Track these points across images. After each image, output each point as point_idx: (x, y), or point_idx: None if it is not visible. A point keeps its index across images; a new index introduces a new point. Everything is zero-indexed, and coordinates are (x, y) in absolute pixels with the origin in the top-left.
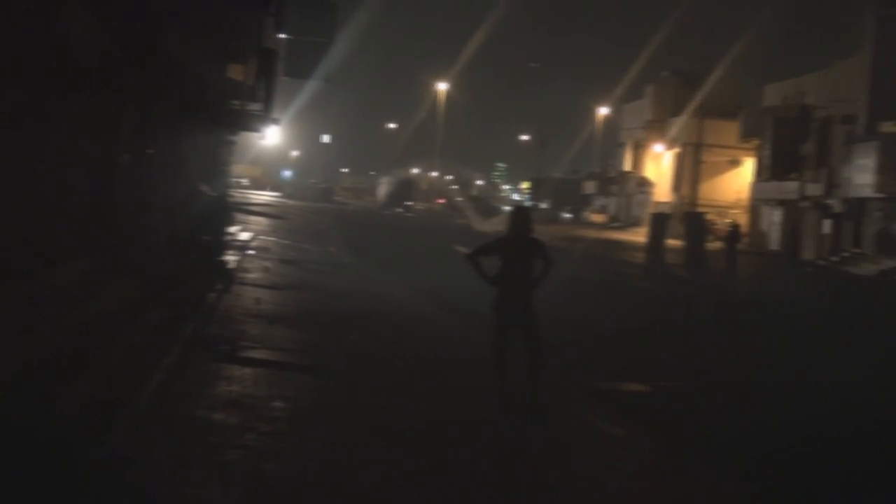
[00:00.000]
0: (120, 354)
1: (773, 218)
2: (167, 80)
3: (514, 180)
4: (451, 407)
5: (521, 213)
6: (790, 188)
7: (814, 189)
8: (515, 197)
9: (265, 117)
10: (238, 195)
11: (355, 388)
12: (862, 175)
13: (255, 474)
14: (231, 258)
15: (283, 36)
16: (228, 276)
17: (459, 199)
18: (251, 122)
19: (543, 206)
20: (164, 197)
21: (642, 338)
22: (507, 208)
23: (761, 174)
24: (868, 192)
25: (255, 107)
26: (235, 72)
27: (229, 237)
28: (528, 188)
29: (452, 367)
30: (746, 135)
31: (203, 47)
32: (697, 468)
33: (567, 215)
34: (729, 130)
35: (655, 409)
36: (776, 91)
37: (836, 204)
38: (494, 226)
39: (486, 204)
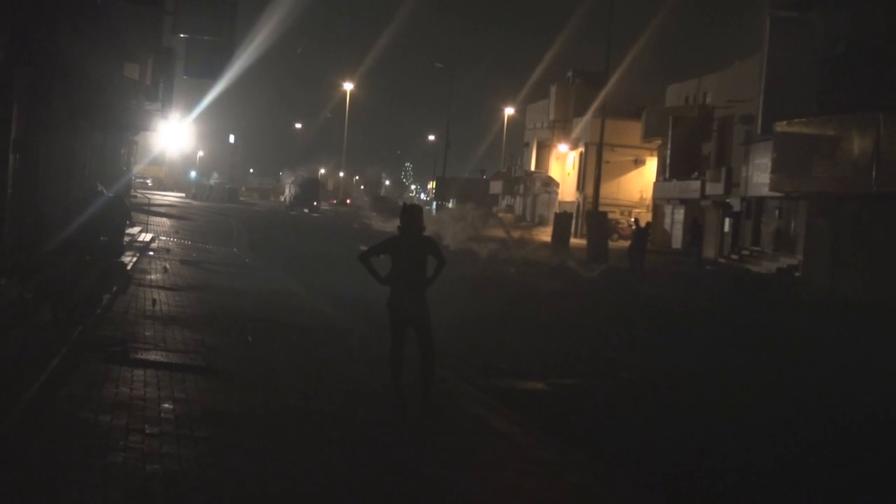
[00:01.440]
0: (4, 356)
1: (676, 217)
2: (59, 80)
3: (421, 180)
4: (346, 407)
5: (412, 212)
6: (692, 187)
7: (714, 188)
8: (422, 196)
9: (164, 117)
10: (140, 195)
11: (248, 390)
12: (760, 174)
13: (137, 476)
14: (129, 259)
15: (182, 35)
16: (125, 278)
17: (365, 198)
18: (149, 122)
19: (450, 205)
20: (58, 198)
21: (541, 335)
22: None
23: (663, 173)
24: (765, 191)
25: (153, 106)
26: (132, 71)
27: (129, 238)
28: (434, 188)
29: (350, 366)
30: (649, 135)
31: (98, 46)
32: (588, 465)
33: (472, 214)
34: (632, 130)
35: (550, 407)
36: (678, 91)
37: (735, 203)
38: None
39: (392, 204)
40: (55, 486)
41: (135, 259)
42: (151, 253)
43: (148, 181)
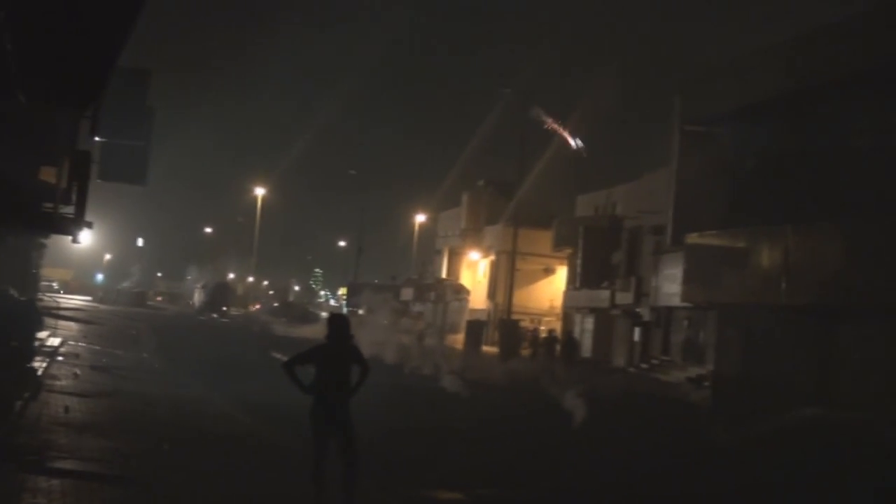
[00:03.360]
0: None
1: (585, 325)
2: None
3: (331, 286)
4: None
5: (339, 321)
6: (601, 296)
7: (624, 297)
8: (332, 303)
9: (78, 221)
10: (48, 299)
11: (166, 499)
12: (669, 284)
13: None
14: (39, 364)
15: (98, 139)
16: (36, 384)
17: (275, 304)
18: (63, 226)
19: (361, 312)
20: None
21: (462, 445)
22: (324, 314)
23: (574, 282)
24: (675, 301)
25: (67, 210)
26: (48, 174)
27: (38, 343)
28: (345, 294)
29: (267, 475)
30: (559, 244)
31: (13, 149)
32: None
33: (384, 322)
34: (543, 239)
35: None
36: (588, 201)
37: (645, 312)
38: (312, 331)
39: (301, 310)
40: None
41: (45, 364)
42: (61, 358)
43: (54, 284)
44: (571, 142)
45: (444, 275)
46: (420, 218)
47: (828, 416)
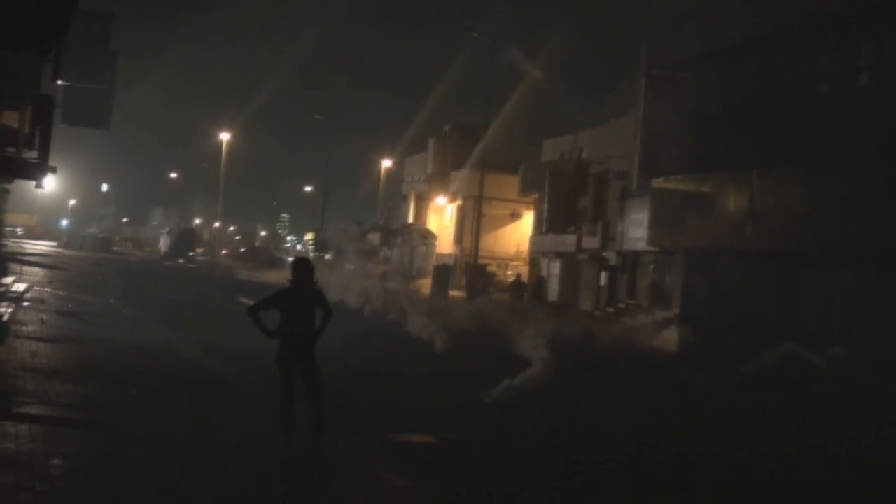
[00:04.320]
0: None
1: (552, 270)
2: None
3: (298, 231)
4: (236, 462)
5: (302, 265)
6: (568, 241)
7: (591, 242)
8: (299, 248)
9: (41, 165)
10: (12, 244)
11: (136, 445)
12: (635, 229)
13: None
14: (4, 310)
15: (61, 83)
16: (2, 329)
17: (242, 249)
18: (26, 171)
19: (327, 257)
20: None
21: (430, 388)
22: (290, 259)
23: (540, 227)
24: (641, 246)
25: (30, 154)
26: (10, 118)
27: (2, 288)
28: (311, 239)
29: (236, 420)
30: (526, 189)
31: None
32: None
33: (350, 266)
34: (509, 184)
35: (442, 460)
36: (554, 146)
37: (611, 257)
38: (279, 276)
39: (268, 255)
40: None
41: (10, 310)
42: (26, 304)
43: (18, 230)
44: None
45: (410, 220)
46: (386, 163)
47: (800, 353)
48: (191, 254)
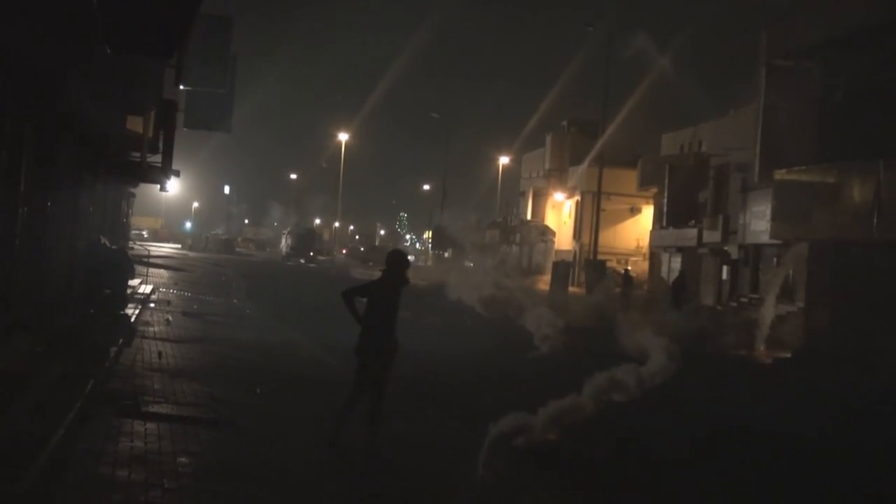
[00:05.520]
0: (20, 411)
1: (673, 264)
2: (67, 133)
3: (416, 230)
4: (360, 462)
5: (396, 257)
6: (688, 235)
7: (711, 236)
8: (418, 246)
9: (165, 169)
10: (138, 247)
11: (262, 443)
12: (757, 222)
13: None
14: (132, 311)
15: (182, 87)
16: (130, 330)
17: (361, 249)
18: (151, 175)
19: (446, 255)
20: (63, 250)
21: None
22: (410, 258)
23: (660, 222)
24: (764, 239)
25: (154, 159)
26: (135, 124)
27: (130, 290)
28: (430, 237)
29: (356, 419)
30: (645, 183)
31: (103, 99)
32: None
33: (469, 264)
34: (628, 179)
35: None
36: (673, 140)
37: (733, 250)
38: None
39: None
40: None
41: (137, 311)
42: (152, 305)
43: (144, 233)
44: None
45: (528, 216)
46: (504, 160)
47: None
48: (311, 254)
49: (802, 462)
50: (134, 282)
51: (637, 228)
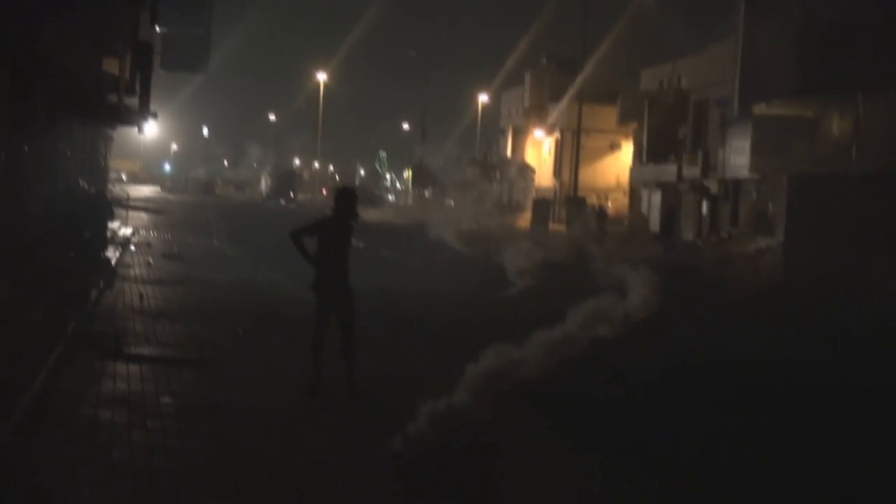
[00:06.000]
0: (1, 355)
1: (653, 200)
2: (42, 77)
3: (396, 169)
4: (344, 402)
5: (345, 194)
6: (668, 171)
7: (691, 171)
8: (398, 186)
9: (142, 111)
10: (117, 190)
11: (245, 383)
12: (737, 157)
13: (145, 471)
14: (112, 254)
15: (158, 29)
16: (110, 273)
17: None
18: (128, 117)
19: (427, 193)
20: (42, 194)
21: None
22: (391, 197)
23: (640, 158)
24: (743, 173)
25: (131, 101)
26: (111, 66)
27: (109, 233)
28: (410, 176)
29: (335, 357)
30: (624, 119)
31: (77, 41)
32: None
33: (450, 202)
34: (607, 115)
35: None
36: (652, 75)
37: (712, 185)
38: (379, 214)
39: (368, 193)
40: (65, 483)
41: (117, 254)
42: (133, 247)
43: (123, 175)
44: None
45: (508, 154)
46: (483, 98)
47: None
48: (292, 194)
49: (803, 389)
50: (114, 225)
51: (617, 165)
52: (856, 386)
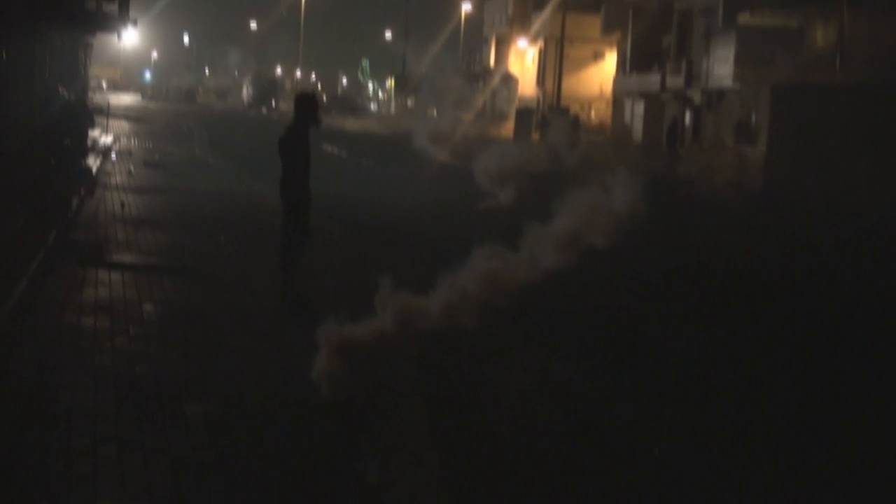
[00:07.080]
0: None
1: (636, 110)
2: None
3: (379, 77)
4: (324, 308)
5: (305, 100)
6: (652, 80)
7: (675, 81)
8: (381, 95)
9: (122, 17)
10: (97, 98)
11: (226, 291)
12: (721, 66)
13: (127, 377)
14: (93, 162)
15: None
16: (91, 181)
17: (324, 98)
18: (107, 23)
19: (409, 103)
20: (21, 102)
21: None
22: (374, 106)
23: (623, 67)
24: (727, 83)
25: (110, 7)
26: None
27: (90, 141)
28: (392, 85)
29: (322, 266)
30: (608, 28)
31: None
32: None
33: (433, 112)
34: (592, 24)
35: None
36: None
37: (696, 95)
38: (360, 124)
39: (350, 102)
40: (48, 389)
41: (98, 162)
42: (114, 156)
43: (103, 83)
44: None
45: (491, 64)
46: (466, 7)
47: None
48: (273, 103)
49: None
50: (95, 133)
51: (600, 74)
52: (822, 290)
